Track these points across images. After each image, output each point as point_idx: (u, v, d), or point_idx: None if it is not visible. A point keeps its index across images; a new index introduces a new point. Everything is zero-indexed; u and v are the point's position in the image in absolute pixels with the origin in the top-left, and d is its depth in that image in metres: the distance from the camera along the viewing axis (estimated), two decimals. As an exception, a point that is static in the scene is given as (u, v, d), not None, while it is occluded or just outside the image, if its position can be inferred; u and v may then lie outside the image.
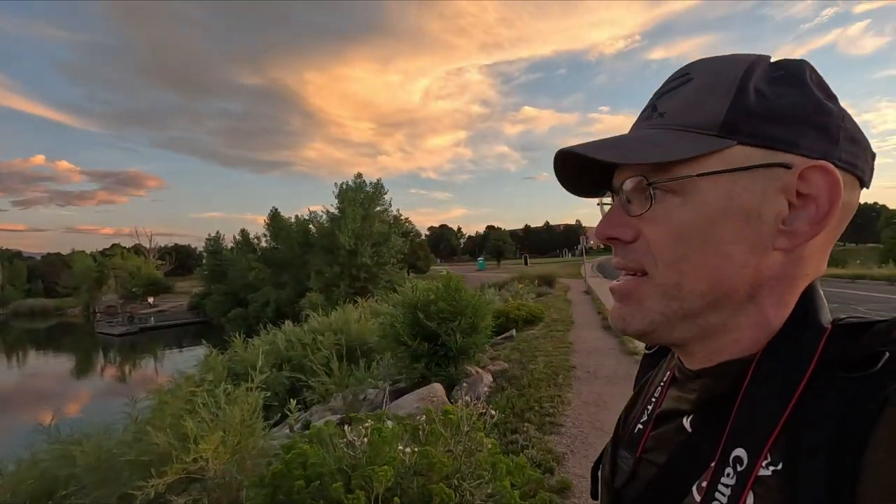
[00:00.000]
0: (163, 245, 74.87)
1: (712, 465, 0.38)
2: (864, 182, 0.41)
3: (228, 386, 3.55)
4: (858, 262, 22.21)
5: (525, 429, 4.02)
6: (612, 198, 0.47)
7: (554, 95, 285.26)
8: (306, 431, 4.66)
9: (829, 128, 0.38)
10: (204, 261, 45.70)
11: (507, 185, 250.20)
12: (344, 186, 31.11)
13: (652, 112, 0.43)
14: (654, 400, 0.51)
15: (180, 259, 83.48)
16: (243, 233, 41.26)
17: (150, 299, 46.01)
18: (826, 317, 0.39)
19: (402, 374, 6.11)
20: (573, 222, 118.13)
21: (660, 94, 0.44)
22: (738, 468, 0.36)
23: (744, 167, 0.38)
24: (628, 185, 0.42)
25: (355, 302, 13.48)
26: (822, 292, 0.41)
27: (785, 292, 0.40)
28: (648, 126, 0.43)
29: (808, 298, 0.40)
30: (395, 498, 1.79)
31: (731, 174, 0.38)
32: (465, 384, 5.31)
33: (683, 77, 0.42)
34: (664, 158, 0.39)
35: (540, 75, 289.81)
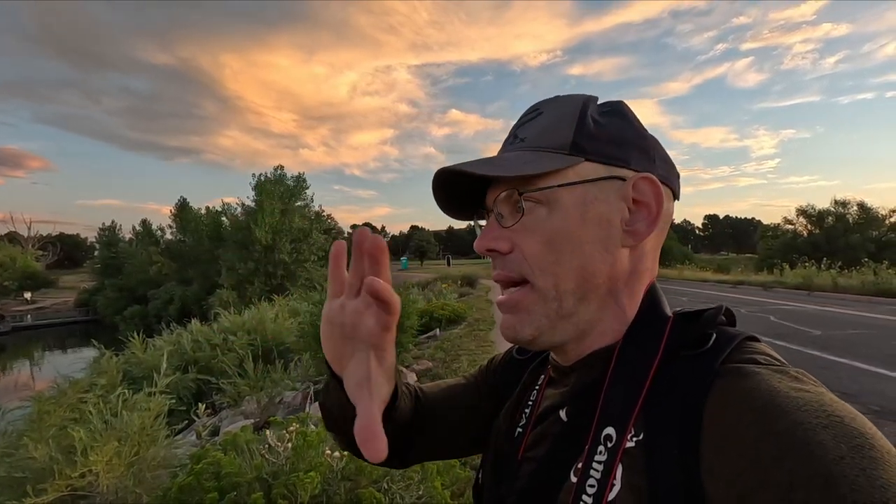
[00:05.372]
0: (45, 234, 65.98)
1: (587, 447, 0.41)
2: (676, 194, 0.51)
3: (125, 391, 3.21)
4: (740, 269, 24.90)
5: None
6: (486, 216, 0.53)
7: (480, 101, 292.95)
8: (216, 438, 4.33)
9: (648, 150, 0.48)
10: (96, 253, 41.21)
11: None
12: (262, 178, 29.43)
13: (514, 139, 0.51)
14: (531, 403, 0.55)
15: (66, 250, 74.84)
16: (145, 223, 37.87)
17: (27, 295, 41.04)
18: (667, 308, 0.48)
19: (322, 375, 5.90)
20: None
21: (519, 125, 0.52)
22: (609, 444, 0.40)
23: (592, 179, 0.46)
24: (501, 198, 0.48)
25: (271, 300, 12.82)
26: (660, 289, 0.50)
27: (635, 287, 0.48)
28: (513, 150, 0.50)
29: (653, 293, 0.49)
30: (320, 505, 1.68)
31: (583, 185, 0.46)
32: (388, 384, 5.19)
33: (535, 112, 0.51)
34: (534, 171, 0.45)
35: (467, 80, 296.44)
